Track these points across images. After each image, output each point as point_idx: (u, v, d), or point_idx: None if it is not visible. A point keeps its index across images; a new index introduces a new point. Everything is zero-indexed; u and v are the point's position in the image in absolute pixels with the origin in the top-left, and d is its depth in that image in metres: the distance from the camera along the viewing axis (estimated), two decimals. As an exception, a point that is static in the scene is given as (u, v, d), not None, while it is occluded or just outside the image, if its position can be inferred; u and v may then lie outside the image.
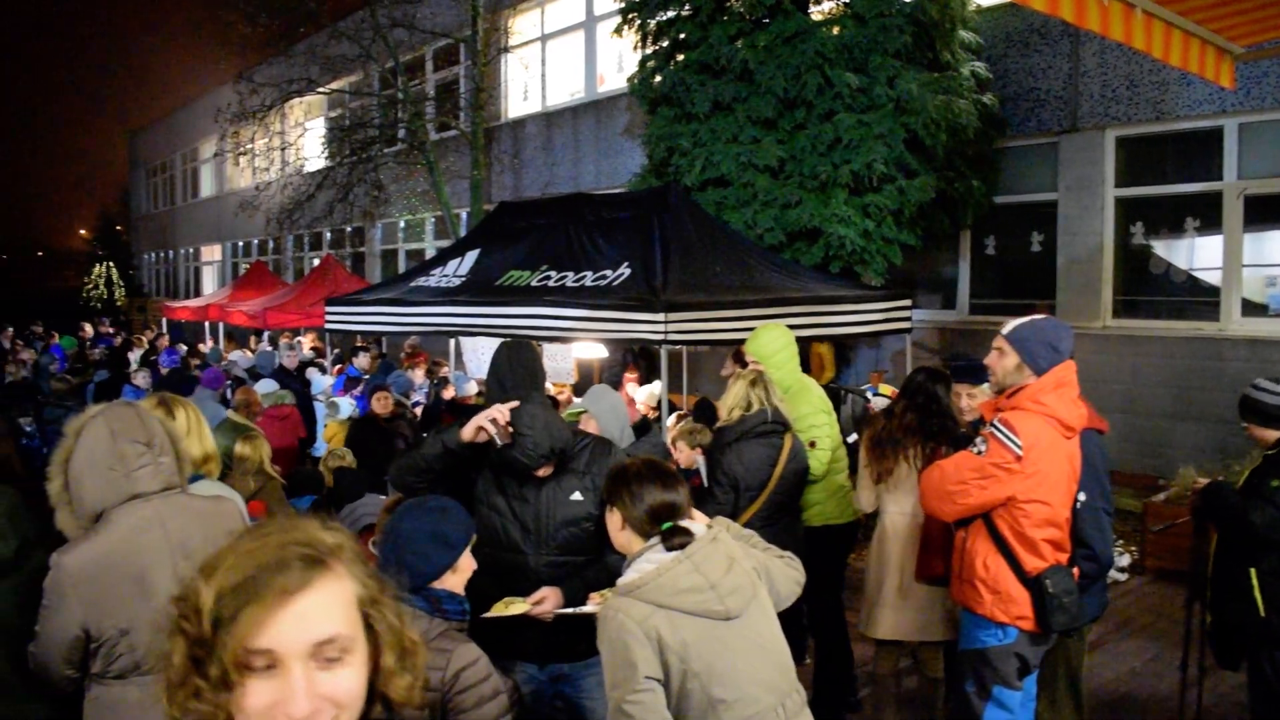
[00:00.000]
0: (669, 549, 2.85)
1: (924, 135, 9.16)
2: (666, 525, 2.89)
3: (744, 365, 5.72)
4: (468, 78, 18.07)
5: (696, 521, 2.99)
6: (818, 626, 5.57)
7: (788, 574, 3.17)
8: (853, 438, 6.61)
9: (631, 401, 8.01)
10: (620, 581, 2.86)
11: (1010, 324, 3.81)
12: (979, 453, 3.67)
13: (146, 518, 3.00)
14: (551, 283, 7.96)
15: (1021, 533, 3.68)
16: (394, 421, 8.45)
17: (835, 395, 7.84)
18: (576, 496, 3.53)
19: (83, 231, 67.51)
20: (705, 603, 2.77)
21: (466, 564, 2.94)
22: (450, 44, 18.85)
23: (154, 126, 40.83)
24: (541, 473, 3.46)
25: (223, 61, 19.38)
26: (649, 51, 11.09)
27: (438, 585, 2.89)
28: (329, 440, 8.10)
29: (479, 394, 8.91)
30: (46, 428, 8.87)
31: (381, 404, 8.39)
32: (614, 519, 3.03)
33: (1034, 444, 3.60)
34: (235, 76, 20.13)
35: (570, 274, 7.94)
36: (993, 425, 3.70)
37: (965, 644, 3.93)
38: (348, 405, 9.35)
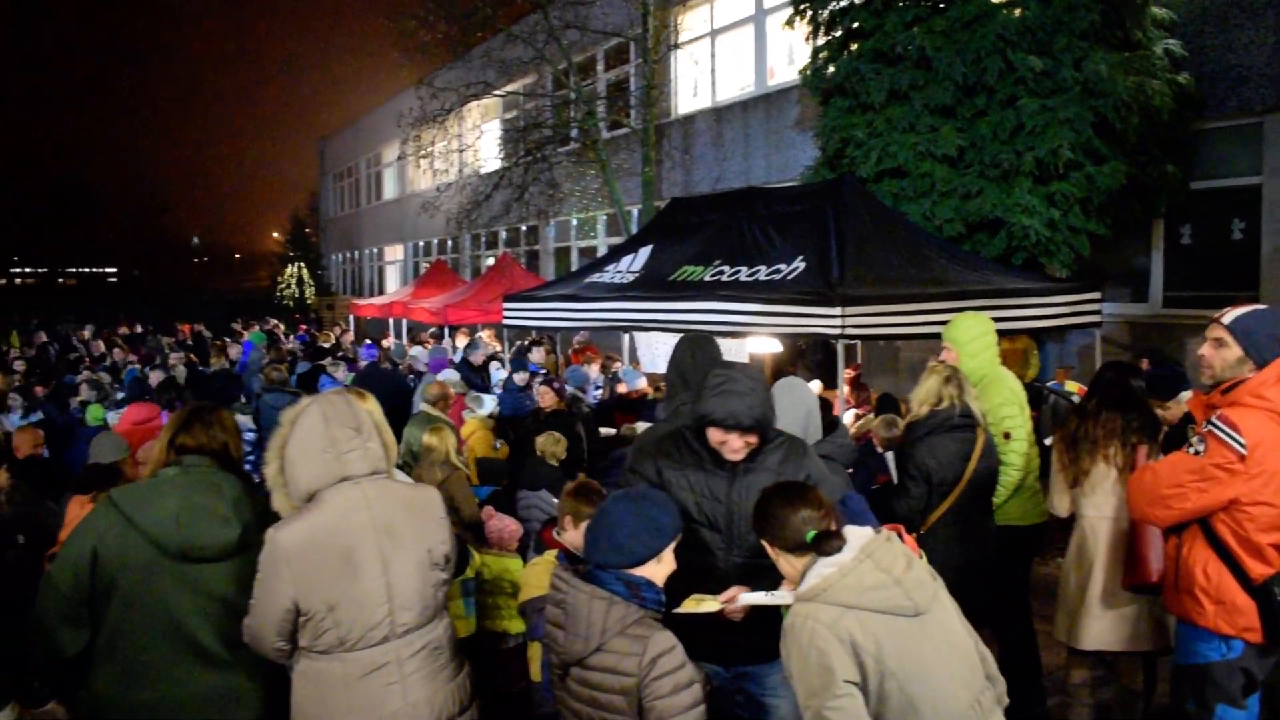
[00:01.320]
0: (823, 554, 2.80)
1: (1114, 119, 8.71)
2: (810, 535, 2.85)
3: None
4: (638, 75, 18.21)
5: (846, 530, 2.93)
6: (1002, 633, 5.35)
7: None
8: (1049, 440, 6.34)
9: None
10: (802, 589, 2.81)
11: (1230, 313, 3.53)
12: (1196, 453, 3.43)
13: (355, 499, 3.15)
14: (725, 277, 7.93)
15: (1246, 537, 3.41)
16: (563, 416, 8.52)
17: (1038, 394, 7.54)
18: None
19: (275, 235, 71.23)
20: (893, 599, 2.71)
21: (669, 558, 2.99)
22: (621, 43, 19.05)
23: (341, 134, 42.80)
24: (734, 451, 3.41)
25: (405, 69, 20.11)
26: (821, 42, 10.92)
27: (639, 572, 2.93)
28: (468, 436, 8.22)
29: (654, 388, 8.96)
30: (263, 415, 9.34)
31: (547, 399, 8.48)
32: (772, 554, 3.01)
33: (1259, 442, 3.34)
34: (416, 83, 20.86)
35: (744, 268, 7.89)
36: (1211, 423, 3.44)
37: (1184, 659, 3.67)
38: (489, 402, 9.50)
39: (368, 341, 17.02)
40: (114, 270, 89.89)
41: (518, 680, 5.41)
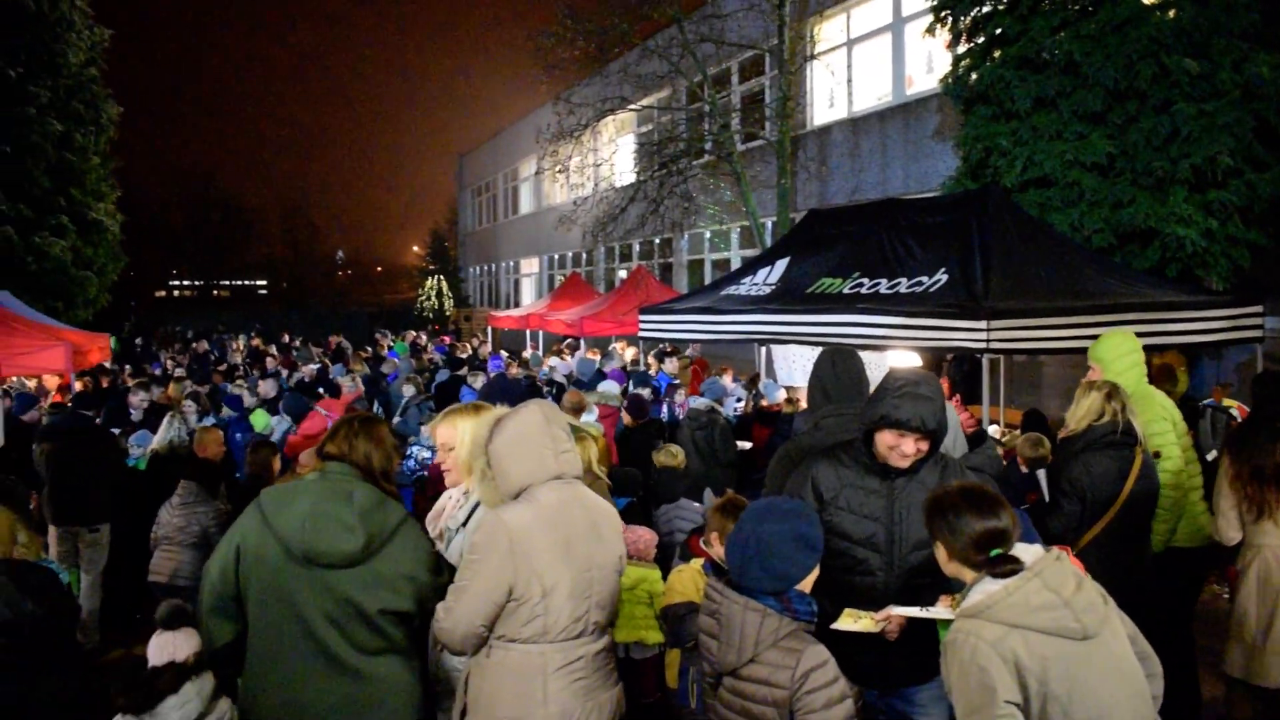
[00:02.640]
0: (995, 577, 2.73)
1: (1276, 123, 8.31)
2: (995, 552, 2.77)
3: None
4: (774, 87, 18.16)
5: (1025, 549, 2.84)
6: (1162, 662, 5.13)
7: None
8: (1211, 455, 6.08)
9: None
10: (965, 605, 2.75)
11: None
12: None
13: (566, 497, 3.28)
14: (864, 290, 7.84)
15: None
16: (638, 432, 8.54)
17: (1194, 410, 7.23)
18: None
19: (415, 248, 73.41)
20: (1061, 620, 2.63)
21: (817, 567, 2.96)
22: (756, 55, 19.03)
23: (479, 150, 43.82)
24: (904, 457, 3.38)
25: (543, 85, 20.44)
26: (963, 49, 10.72)
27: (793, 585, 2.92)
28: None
29: (788, 401, 8.89)
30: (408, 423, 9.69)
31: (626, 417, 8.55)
32: (939, 551, 2.92)
33: None
34: (554, 99, 21.23)
35: (883, 281, 7.79)
36: None
37: None
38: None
39: (494, 353, 17.36)
40: (264, 284, 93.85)
41: (654, 690, 5.45)
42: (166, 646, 3.68)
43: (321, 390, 11.98)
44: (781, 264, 9.21)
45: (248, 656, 3.44)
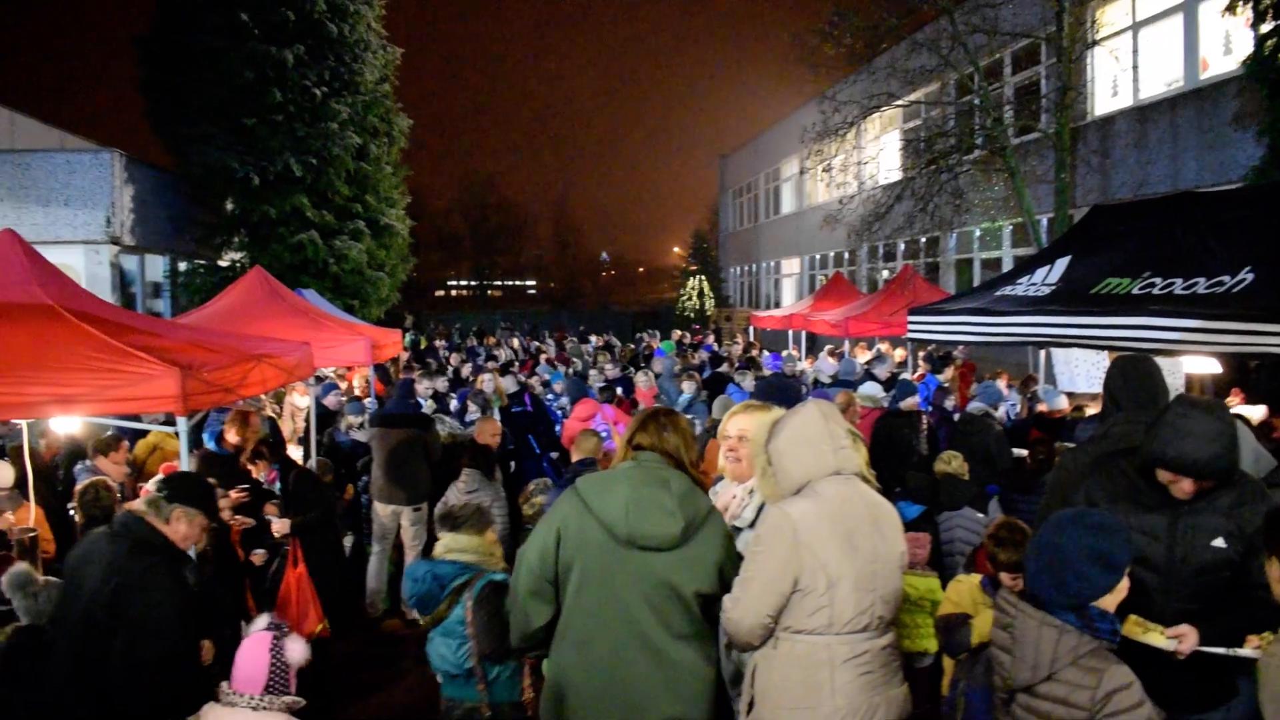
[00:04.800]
0: None
1: None
2: None
3: None
4: (1051, 76, 17.33)
5: None
6: None
7: None
8: None
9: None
10: None
11: None
12: None
13: (848, 491, 3.35)
14: (1156, 290, 7.36)
15: None
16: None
17: None
18: (1219, 543, 3.20)
19: (676, 249, 74.68)
20: None
21: (1124, 585, 2.84)
22: (1032, 43, 18.22)
23: (740, 151, 44.18)
24: (1183, 493, 3.21)
25: (807, 83, 20.38)
26: (1268, 28, 9.88)
27: (1092, 602, 2.82)
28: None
29: (1073, 408, 8.49)
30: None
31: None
32: (1276, 570, 2.73)
33: None
34: (819, 97, 21.10)
35: (1179, 280, 7.29)
36: None
37: None
38: None
39: (774, 353, 17.47)
40: (534, 284, 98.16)
41: (926, 700, 5.37)
42: None
43: (619, 389, 12.48)
44: (1062, 263, 8.78)
45: (564, 638, 3.61)
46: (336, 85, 21.09)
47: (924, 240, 23.57)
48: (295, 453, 10.25)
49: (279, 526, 6.80)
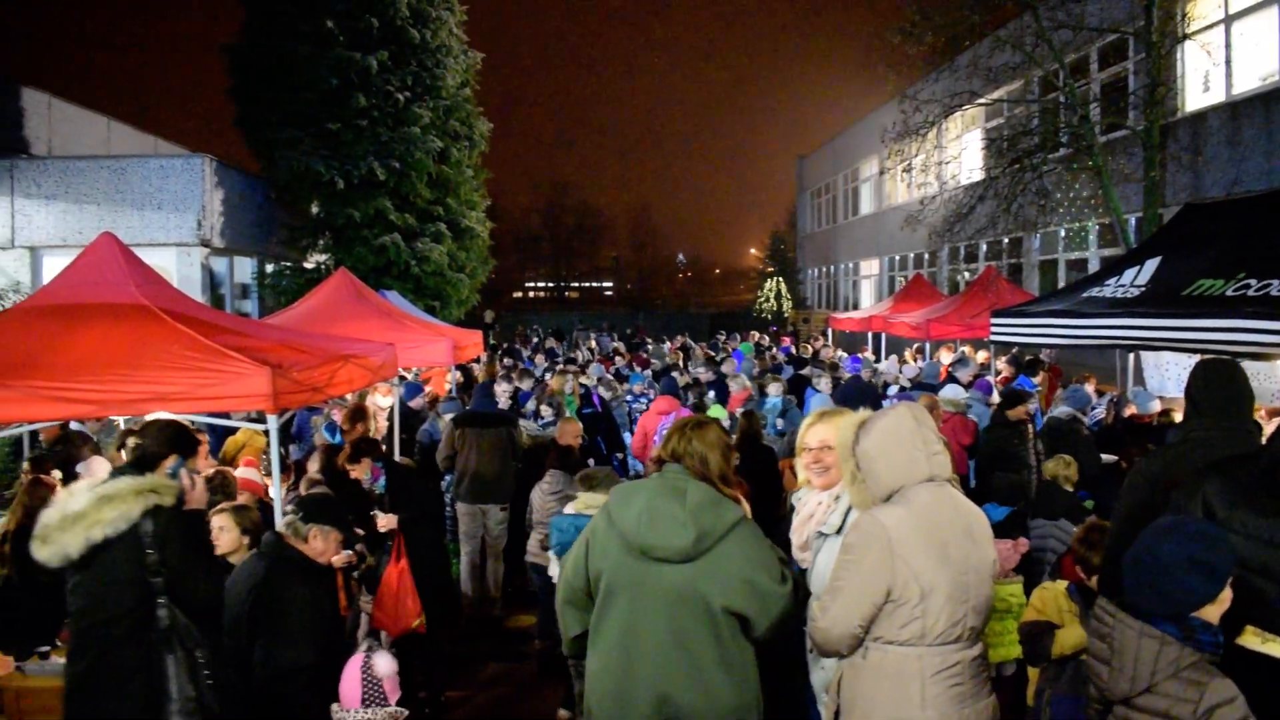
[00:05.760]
0: None
1: None
2: None
3: None
4: (1139, 72, 16.91)
5: None
6: None
7: None
8: None
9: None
10: None
11: None
12: None
13: (942, 498, 3.29)
14: (1252, 291, 7.14)
15: None
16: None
17: None
18: None
19: (753, 251, 74.41)
20: None
21: (1227, 595, 2.76)
22: (1119, 39, 17.80)
23: (818, 151, 43.88)
24: None
25: (888, 83, 20.11)
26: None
27: (1194, 613, 2.75)
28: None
29: (1162, 412, 8.29)
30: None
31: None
32: None
33: None
34: (899, 97, 20.84)
35: (1275, 282, 7.06)
36: None
37: None
38: None
39: (853, 354, 17.33)
40: (610, 285, 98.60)
41: (1010, 710, 5.29)
42: None
43: (712, 391, 12.51)
44: (1152, 263, 8.57)
45: (594, 647, 3.61)
46: (419, 90, 21.41)
47: (1007, 241, 23.16)
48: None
49: (384, 522, 6.91)
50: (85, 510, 3.71)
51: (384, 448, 10.23)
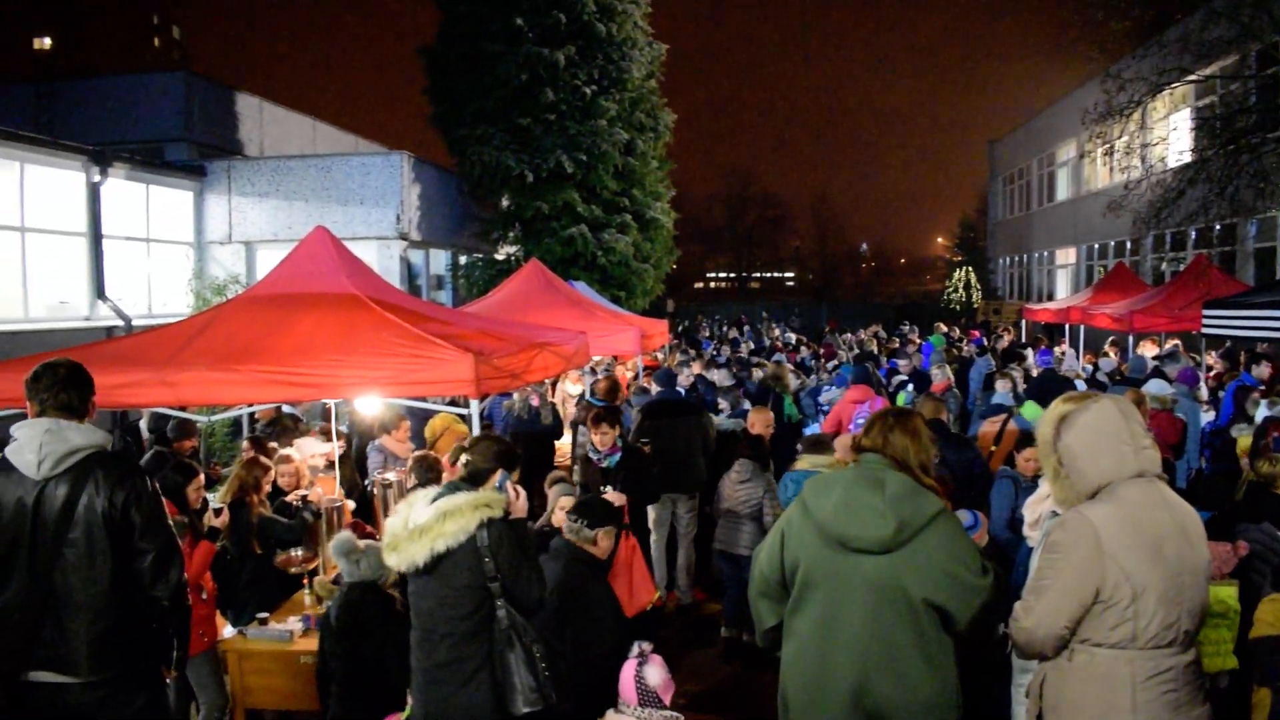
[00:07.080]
0: None
1: None
2: None
3: None
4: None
5: None
6: None
7: None
8: None
9: None
10: None
11: None
12: None
13: (1152, 495, 3.15)
14: None
15: None
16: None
17: None
18: None
19: (940, 239, 72.51)
20: None
21: None
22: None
23: (1011, 135, 42.32)
24: None
25: (1090, 61, 19.19)
26: None
27: None
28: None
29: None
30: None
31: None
32: None
33: None
34: (1102, 75, 19.85)
35: None
36: None
37: None
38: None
39: (1043, 348, 16.63)
40: (792, 275, 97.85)
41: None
42: None
43: (912, 383, 12.34)
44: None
45: (789, 638, 3.63)
46: (605, 83, 21.74)
47: (1219, 228, 21.75)
48: (566, 438, 10.70)
49: (613, 497, 7.00)
50: (429, 524, 4.11)
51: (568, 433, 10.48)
